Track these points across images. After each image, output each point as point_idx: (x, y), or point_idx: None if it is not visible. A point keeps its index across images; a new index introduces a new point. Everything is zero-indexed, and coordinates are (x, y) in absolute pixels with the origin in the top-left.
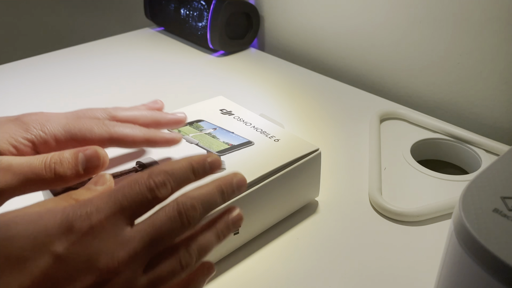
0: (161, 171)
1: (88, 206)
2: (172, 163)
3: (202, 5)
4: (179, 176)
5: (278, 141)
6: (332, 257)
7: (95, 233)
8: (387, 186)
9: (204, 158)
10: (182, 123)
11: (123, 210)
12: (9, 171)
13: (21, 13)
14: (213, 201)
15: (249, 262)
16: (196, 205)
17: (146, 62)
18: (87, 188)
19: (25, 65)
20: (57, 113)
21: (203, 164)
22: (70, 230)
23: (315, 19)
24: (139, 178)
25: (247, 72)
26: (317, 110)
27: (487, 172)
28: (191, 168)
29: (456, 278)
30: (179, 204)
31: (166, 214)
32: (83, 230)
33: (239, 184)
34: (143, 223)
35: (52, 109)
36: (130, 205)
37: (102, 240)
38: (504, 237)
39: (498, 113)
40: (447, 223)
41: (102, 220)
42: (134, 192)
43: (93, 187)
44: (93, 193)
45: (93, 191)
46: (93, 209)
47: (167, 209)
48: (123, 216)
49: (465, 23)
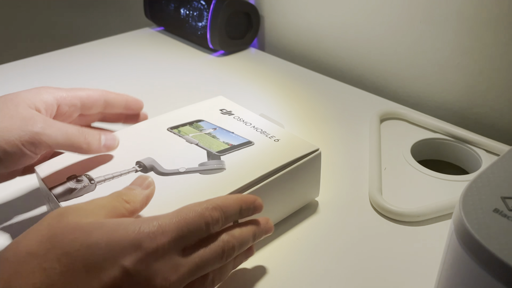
0: (217, 207)
1: (156, 227)
2: (225, 199)
3: (202, 5)
4: (230, 215)
5: (278, 141)
6: (332, 257)
7: (158, 254)
8: (387, 186)
9: (252, 201)
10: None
11: (183, 237)
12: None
13: (21, 13)
14: (246, 243)
15: (249, 262)
16: (235, 245)
17: (146, 62)
18: (132, 189)
19: (25, 65)
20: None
21: (250, 205)
22: (139, 247)
23: (315, 19)
24: (197, 209)
25: (247, 72)
26: (317, 110)
27: (487, 172)
28: (240, 208)
29: (456, 278)
30: (224, 243)
31: (212, 249)
32: (149, 250)
33: (267, 231)
34: (194, 253)
35: None
36: (189, 234)
37: (162, 262)
38: (504, 237)
39: (498, 113)
40: (447, 223)
41: (165, 244)
42: (194, 222)
43: (139, 189)
44: (141, 196)
45: (139, 194)
46: (159, 230)
47: (214, 244)
48: (181, 243)
49: (465, 23)
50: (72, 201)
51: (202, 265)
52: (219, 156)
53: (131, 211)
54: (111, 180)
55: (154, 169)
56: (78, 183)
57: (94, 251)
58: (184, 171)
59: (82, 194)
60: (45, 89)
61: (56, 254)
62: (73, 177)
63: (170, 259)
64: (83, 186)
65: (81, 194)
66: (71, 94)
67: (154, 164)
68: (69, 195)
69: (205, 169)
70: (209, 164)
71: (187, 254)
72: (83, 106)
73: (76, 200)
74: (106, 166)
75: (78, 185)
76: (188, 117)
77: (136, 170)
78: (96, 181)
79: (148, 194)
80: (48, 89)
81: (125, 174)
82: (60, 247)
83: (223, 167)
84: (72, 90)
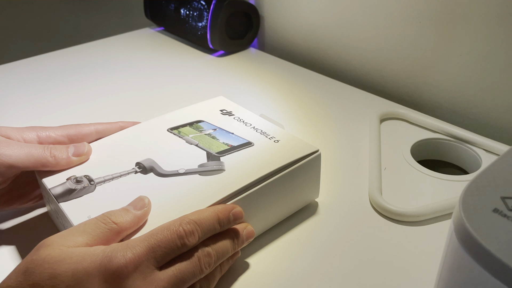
0: (191, 221)
1: (125, 249)
2: (200, 213)
3: (202, 5)
4: (206, 226)
5: (278, 142)
6: (333, 258)
7: (129, 273)
8: (387, 186)
9: (229, 210)
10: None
11: (155, 254)
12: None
13: (21, 13)
14: (226, 251)
15: (249, 262)
16: (214, 256)
17: (146, 62)
18: (125, 210)
19: (25, 65)
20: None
21: (228, 215)
22: (107, 270)
23: (315, 19)
24: (171, 225)
25: (247, 72)
26: (317, 110)
27: (487, 172)
28: (217, 219)
29: (456, 278)
30: (201, 255)
31: (190, 262)
32: (119, 270)
33: (248, 236)
34: (170, 267)
35: (52, 109)
36: (161, 249)
37: (134, 279)
38: (504, 237)
39: (498, 113)
40: (447, 223)
41: (135, 262)
42: (166, 238)
43: (132, 210)
44: (130, 216)
45: (131, 214)
46: (128, 251)
47: (192, 257)
48: (154, 260)
49: (465, 23)
50: (72, 202)
51: (182, 277)
52: (218, 157)
53: (117, 232)
54: (110, 181)
55: (153, 170)
56: (77, 183)
57: (62, 280)
58: (184, 172)
59: (82, 195)
60: (30, 127)
61: (28, 286)
62: (73, 178)
63: (146, 276)
64: (82, 187)
65: (80, 195)
66: (58, 133)
67: (154, 165)
68: (68, 195)
69: (204, 170)
70: (208, 165)
71: (164, 269)
72: (72, 142)
73: (76, 201)
74: (106, 167)
75: (78, 185)
76: (188, 117)
77: (136, 171)
78: (96, 182)
79: (140, 215)
80: (35, 127)
81: (124, 175)
82: (31, 278)
83: (222, 168)
84: (61, 128)
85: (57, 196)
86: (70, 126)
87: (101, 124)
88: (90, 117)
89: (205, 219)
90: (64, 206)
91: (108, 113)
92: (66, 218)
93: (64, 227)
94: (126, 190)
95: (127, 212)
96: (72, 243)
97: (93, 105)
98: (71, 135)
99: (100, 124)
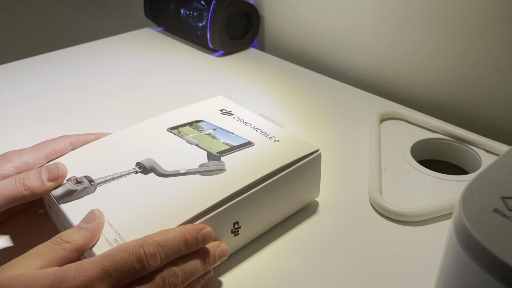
0: (154, 242)
1: (78, 270)
2: (166, 233)
3: (202, 5)
4: (171, 248)
5: (278, 141)
6: (333, 257)
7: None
8: (387, 186)
9: (198, 230)
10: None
11: (109, 277)
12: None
13: (21, 13)
14: (195, 271)
15: (249, 263)
16: (180, 277)
17: (146, 62)
18: (77, 227)
19: (25, 65)
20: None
21: (196, 236)
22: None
23: (315, 19)
24: (130, 246)
25: (247, 72)
26: (317, 110)
27: (487, 172)
28: (184, 240)
29: (456, 278)
30: (165, 277)
31: (152, 283)
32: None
33: (221, 255)
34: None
35: (52, 109)
36: (117, 272)
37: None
38: (504, 237)
39: (498, 113)
40: (447, 223)
41: (86, 285)
42: (123, 260)
43: (84, 225)
44: (83, 232)
45: (83, 230)
46: (81, 273)
47: (154, 280)
48: (108, 283)
49: (465, 23)
50: (72, 203)
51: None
52: (219, 157)
53: (73, 250)
54: (111, 182)
55: (154, 170)
56: (78, 184)
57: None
58: (185, 172)
59: (82, 196)
60: (3, 158)
61: None
62: (73, 179)
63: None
64: (83, 188)
65: (81, 196)
66: (34, 156)
67: (154, 165)
68: (69, 197)
69: (205, 170)
70: (209, 165)
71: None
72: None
73: (76, 202)
74: (106, 167)
75: (78, 186)
76: (188, 117)
77: (136, 172)
78: (96, 182)
79: (92, 228)
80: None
81: (125, 175)
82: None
83: (223, 168)
84: (36, 150)
85: (58, 197)
86: (45, 144)
87: (75, 138)
88: (90, 117)
89: (170, 240)
90: (65, 208)
91: (108, 113)
92: (67, 220)
93: (64, 228)
94: (126, 190)
95: (79, 229)
96: (26, 267)
97: (93, 105)
98: (48, 155)
99: (73, 137)
